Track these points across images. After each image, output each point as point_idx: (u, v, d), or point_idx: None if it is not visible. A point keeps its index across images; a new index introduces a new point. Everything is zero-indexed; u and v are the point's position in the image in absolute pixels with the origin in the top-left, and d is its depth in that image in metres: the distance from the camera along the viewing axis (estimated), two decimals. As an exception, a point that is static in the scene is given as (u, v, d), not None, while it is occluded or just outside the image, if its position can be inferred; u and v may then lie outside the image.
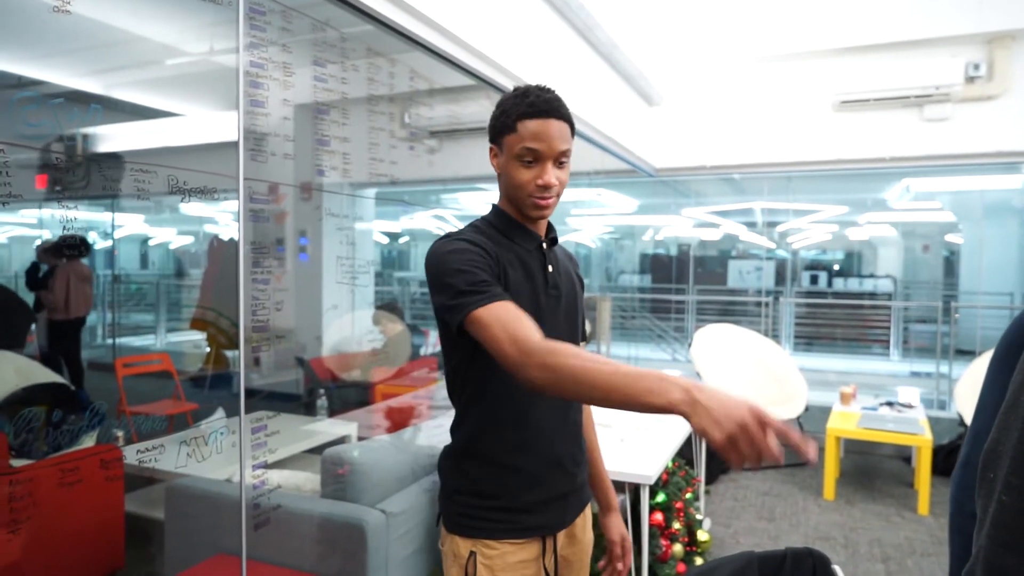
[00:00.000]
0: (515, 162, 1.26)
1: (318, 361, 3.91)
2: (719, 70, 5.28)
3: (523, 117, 1.24)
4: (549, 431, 1.35)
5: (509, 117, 1.26)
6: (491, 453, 1.33)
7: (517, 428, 1.32)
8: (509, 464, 1.32)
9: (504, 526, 1.32)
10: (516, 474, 1.33)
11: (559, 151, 1.26)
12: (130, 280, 7.46)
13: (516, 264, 1.30)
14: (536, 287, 1.31)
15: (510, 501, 1.32)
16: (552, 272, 1.36)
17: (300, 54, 1.88)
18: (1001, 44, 4.45)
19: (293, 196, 2.39)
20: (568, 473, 1.39)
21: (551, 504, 1.36)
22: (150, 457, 1.51)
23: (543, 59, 3.19)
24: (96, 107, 1.33)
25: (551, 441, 1.35)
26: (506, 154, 1.28)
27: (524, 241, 1.34)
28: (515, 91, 1.29)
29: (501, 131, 1.28)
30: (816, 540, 3.68)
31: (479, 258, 1.22)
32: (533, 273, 1.32)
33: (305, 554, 2.10)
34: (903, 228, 9.19)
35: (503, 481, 1.33)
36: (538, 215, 1.31)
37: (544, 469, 1.35)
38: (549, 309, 1.33)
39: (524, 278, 1.30)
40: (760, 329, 5.95)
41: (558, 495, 1.37)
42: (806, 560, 1.66)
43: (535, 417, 1.33)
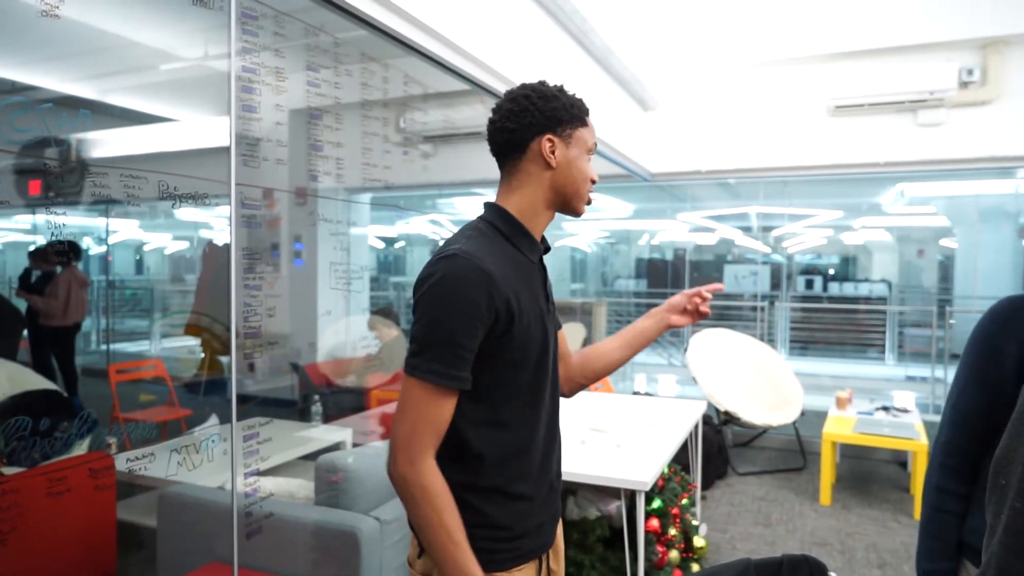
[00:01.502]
0: (585, 156, 1.28)
1: (313, 367, 3.89)
2: (714, 75, 5.30)
3: (586, 113, 1.29)
4: (544, 453, 1.32)
5: (581, 110, 1.27)
6: (500, 484, 1.25)
7: (525, 457, 1.27)
8: (515, 493, 1.26)
9: (512, 555, 1.27)
10: (522, 501, 1.28)
11: None
12: (125, 286, 7.44)
13: (526, 288, 1.23)
14: (541, 308, 1.27)
15: (516, 529, 1.27)
16: (548, 285, 1.35)
17: (293, 59, 1.87)
18: (995, 49, 4.47)
19: (288, 202, 2.38)
20: (556, 490, 1.38)
21: (546, 524, 1.34)
22: (141, 465, 1.49)
23: (538, 64, 3.19)
24: (85, 112, 1.32)
25: (547, 461, 1.33)
26: (576, 146, 1.26)
27: (529, 252, 1.27)
28: (558, 88, 1.27)
29: (572, 121, 1.25)
30: (812, 546, 3.67)
31: (476, 324, 1.13)
32: (537, 293, 1.27)
33: (299, 562, 2.08)
34: (898, 233, 9.22)
35: (509, 510, 1.26)
36: (584, 211, 1.33)
37: (544, 492, 1.32)
38: (551, 327, 1.31)
39: (532, 302, 1.24)
40: (756, 334, 5.95)
41: (551, 515, 1.36)
42: (803, 567, 1.66)
43: (536, 443, 1.29)
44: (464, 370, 1.15)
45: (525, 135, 1.23)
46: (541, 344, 1.25)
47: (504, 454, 1.25)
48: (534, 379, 1.25)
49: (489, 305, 1.13)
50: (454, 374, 1.13)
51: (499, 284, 1.14)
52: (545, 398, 1.30)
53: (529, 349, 1.22)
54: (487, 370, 1.18)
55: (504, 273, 1.17)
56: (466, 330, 1.12)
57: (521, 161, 1.25)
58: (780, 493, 4.59)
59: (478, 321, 1.13)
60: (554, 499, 1.37)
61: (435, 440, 1.16)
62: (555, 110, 1.24)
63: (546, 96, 1.24)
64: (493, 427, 1.23)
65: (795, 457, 5.32)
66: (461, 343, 1.12)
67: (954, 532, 1.28)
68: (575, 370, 1.51)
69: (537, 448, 1.29)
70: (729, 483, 4.82)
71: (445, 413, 1.16)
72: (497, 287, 1.14)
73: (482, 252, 1.16)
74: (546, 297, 1.31)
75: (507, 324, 1.16)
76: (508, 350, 1.18)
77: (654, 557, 2.71)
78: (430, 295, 1.13)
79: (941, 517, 1.29)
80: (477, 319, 1.12)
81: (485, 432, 1.22)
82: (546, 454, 1.32)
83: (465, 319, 1.12)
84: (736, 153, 5.30)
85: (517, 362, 1.21)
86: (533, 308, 1.23)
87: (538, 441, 1.29)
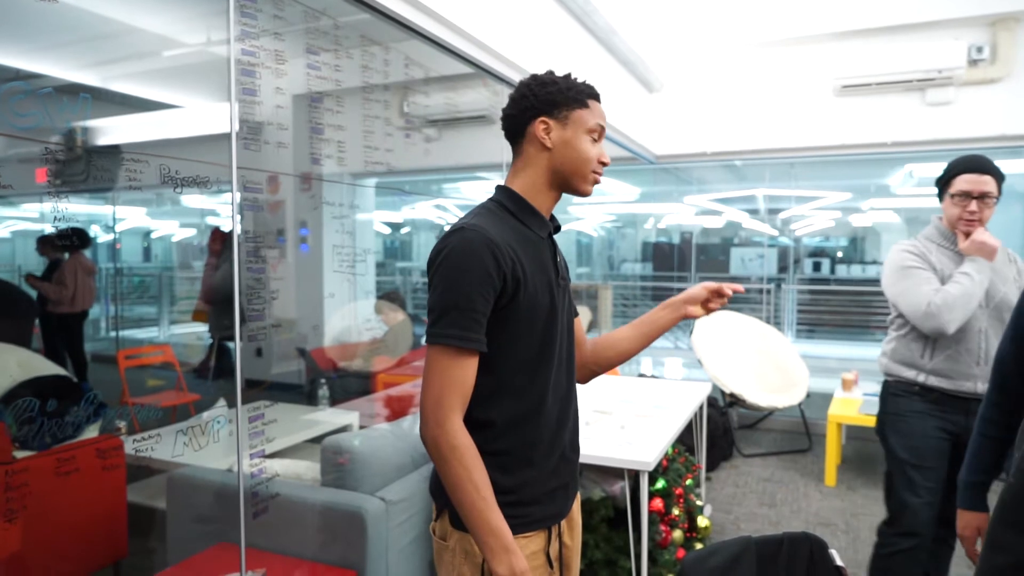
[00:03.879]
0: (586, 136, 1.32)
1: (319, 351, 3.92)
2: (719, 55, 5.25)
3: (592, 97, 1.34)
4: (558, 422, 1.36)
5: (580, 93, 1.32)
6: (509, 449, 1.30)
7: (534, 423, 1.32)
8: (525, 458, 1.32)
9: (517, 520, 1.29)
10: (530, 468, 1.32)
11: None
12: (133, 273, 7.47)
13: (533, 258, 1.30)
14: (550, 279, 1.33)
15: (523, 495, 1.31)
16: (560, 260, 1.40)
17: (293, 43, 1.87)
18: (1004, 26, 4.41)
19: (292, 186, 2.39)
20: (570, 461, 1.41)
21: (556, 493, 1.37)
22: (147, 446, 1.51)
23: (541, 46, 3.17)
24: (85, 96, 1.33)
25: (559, 432, 1.37)
26: (574, 127, 1.32)
27: (538, 228, 1.34)
28: (564, 75, 1.34)
29: (568, 104, 1.31)
30: (817, 526, 3.69)
31: (487, 289, 1.21)
32: (546, 264, 1.34)
33: (305, 542, 2.11)
34: (906, 214, 9.14)
35: (518, 476, 1.31)
36: (590, 191, 1.37)
37: (554, 460, 1.36)
38: (560, 298, 1.35)
39: (540, 271, 1.31)
40: (762, 316, 5.94)
41: (562, 484, 1.38)
42: (803, 544, 1.67)
43: (548, 410, 1.34)
44: (480, 332, 1.22)
45: (522, 119, 1.33)
46: (548, 311, 1.31)
47: (512, 420, 1.30)
48: (542, 346, 1.31)
49: (497, 270, 1.21)
50: (471, 336, 1.21)
51: (504, 252, 1.22)
52: (554, 366, 1.34)
53: (535, 316, 1.29)
54: (496, 336, 1.26)
55: (509, 244, 1.25)
56: (478, 294, 1.20)
57: (522, 144, 1.34)
58: (785, 474, 4.61)
59: (488, 286, 1.21)
60: (568, 469, 1.40)
61: (461, 402, 1.23)
62: (550, 94, 1.31)
63: (544, 82, 1.32)
64: (502, 393, 1.29)
65: (800, 439, 5.33)
66: (474, 307, 1.20)
67: (991, 453, 1.55)
68: (589, 357, 1.54)
69: (548, 416, 1.34)
70: (734, 465, 4.83)
71: (468, 375, 1.23)
72: (503, 254, 1.22)
73: (488, 226, 1.24)
74: (556, 271, 1.35)
75: (513, 290, 1.24)
76: (515, 316, 1.26)
77: (658, 537, 2.73)
78: (443, 267, 1.21)
79: (981, 440, 1.56)
80: (488, 284, 1.21)
81: (494, 398, 1.29)
82: (560, 423, 1.37)
83: (476, 284, 1.20)
84: (742, 135, 5.26)
85: (524, 329, 1.28)
86: (540, 278, 1.30)
87: (549, 409, 1.34)
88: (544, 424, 1.33)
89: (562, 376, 1.38)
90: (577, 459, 1.45)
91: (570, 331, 1.42)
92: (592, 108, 1.33)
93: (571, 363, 1.42)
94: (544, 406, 1.33)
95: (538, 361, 1.32)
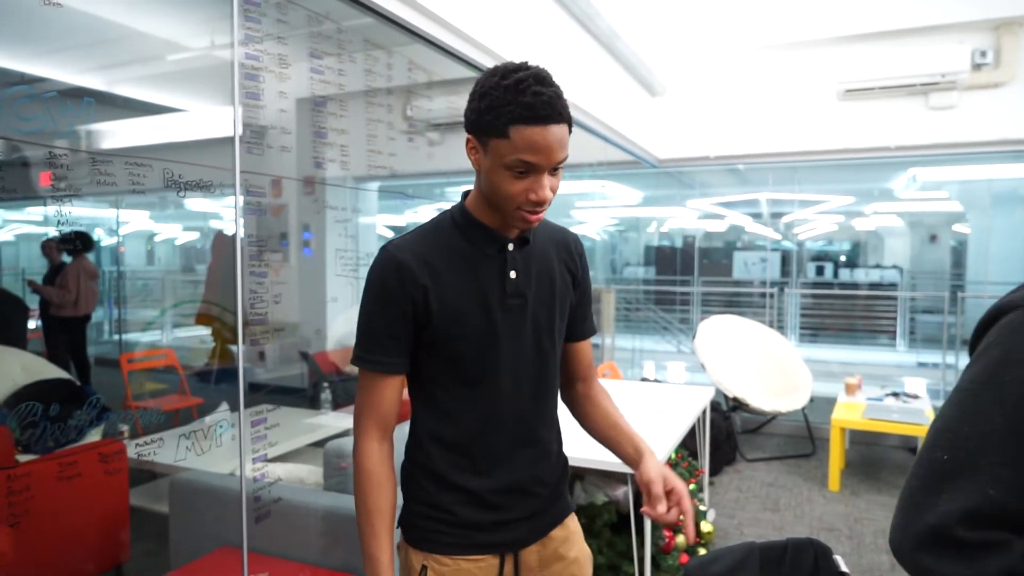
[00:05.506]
0: (504, 172, 1.08)
1: (322, 355, 3.91)
2: (722, 59, 5.25)
3: (517, 122, 1.04)
4: (505, 457, 1.24)
5: (500, 118, 1.05)
6: (440, 470, 1.23)
7: (465, 452, 1.23)
8: (460, 485, 1.23)
9: (456, 540, 1.23)
10: (468, 495, 1.23)
11: (557, 161, 1.08)
12: (136, 276, 7.49)
13: (463, 276, 1.18)
14: (487, 299, 1.18)
15: (462, 517, 1.23)
16: (516, 278, 1.20)
17: (296, 47, 1.87)
18: (1008, 30, 4.40)
19: (295, 190, 2.39)
20: (531, 495, 1.28)
21: (509, 524, 1.26)
22: (150, 451, 1.51)
23: (543, 49, 3.17)
24: (89, 100, 1.33)
25: (508, 468, 1.24)
26: (491, 158, 1.09)
27: (485, 245, 1.19)
28: (503, 76, 1.06)
29: (487, 130, 1.07)
30: (821, 531, 3.67)
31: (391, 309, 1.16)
32: (485, 286, 1.18)
33: (308, 546, 2.10)
34: (910, 218, 9.12)
35: (455, 499, 1.23)
36: (525, 228, 1.16)
37: (500, 495, 1.24)
38: (508, 322, 1.20)
39: (470, 292, 1.18)
40: (765, 320, 5.93)
41: (518, 517, 1.27)
42: (807, 550, 1.66)
43: (487, 443, 1.23)
44: (384, 354, 1.18)
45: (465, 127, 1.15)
46: (483, 335, 1.19)
47: (447, 444, 1.23)
48: (480, 373, 1.21)
49: (401, 291, 1.15)
50: (372, 358, 1.18)
51: (414, 273, 1.15)
52: (501, 394, 1.22)
53: (460, 339, 1.19)
54: (424, 359, 1.21)
55: (429, 262, 1.16)
56: (380, 315, 1.17)
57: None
58: (789, 479, 4.59)
59: (392, 306, 1.15)
60: (528, 504, 1.27)
61: (375, 422, 1.20)
62: (474, 111, 1.10)
63: (485, 90, 1.08)
64: (436, 417, 1.24)
65: (804, 443, 5.31)
66: (377, 328, 1.17)
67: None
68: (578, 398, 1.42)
69: (492, 446, 1.23)
70: (737, 469, 4.82)
71: (381, 397, 1.20)
72: (411, 276, 1.15)
73: (412, 243, 1.18)
74: (503, 290, 1.19)
75: (425, 312, 1.16)
76: (436, 340, 1.18)
77: (661, 542, 2.72)
78: (367, 278, 1.20)
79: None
80: (391, 304, 1.15)
81: (431, 420, 1.24)
82: (510, 459, 1.24)
83: (379, 306, 1.16)
84: (745, 138, 5.26)
85: (449, 352, 1.20)
86: (468, 299, 1.18)
87: (492, 439, 1.23)
88: (484, 453, 1.23)
89: (521, 406, 1.24)
90: (551, 490, 1.32)
91: (541, 356, 1.26)
92: (513, 139, 1.04)
93: (542, 391, 1.27)
94: (485, 435, 1.23)
95: (474, 388, 1.21)
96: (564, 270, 1.29)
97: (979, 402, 0.76)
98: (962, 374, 0.82)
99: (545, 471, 1.29)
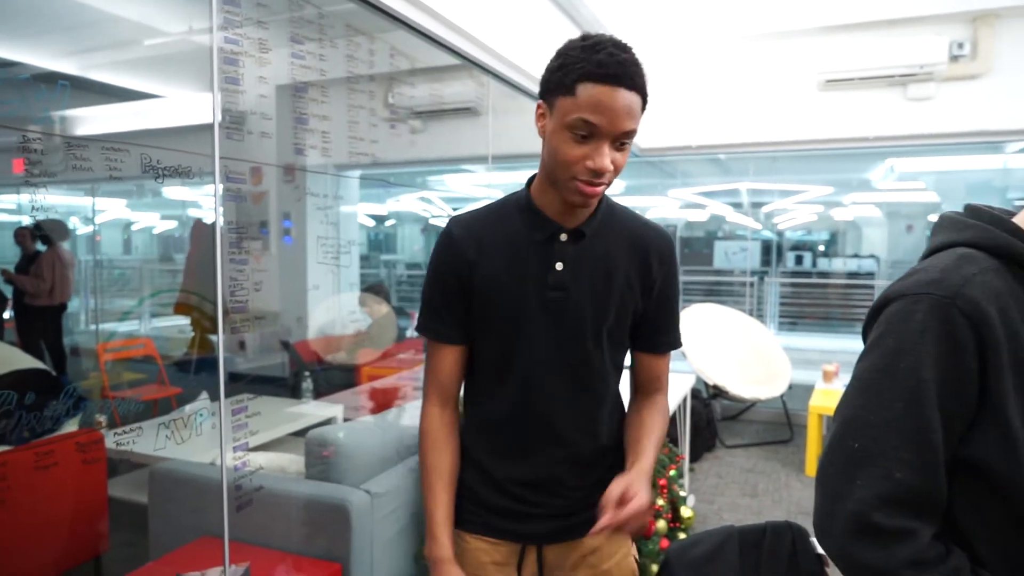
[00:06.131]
0: (566, 133, 1.03)
1: (303, 344, 3.89)
2: (704, 49, 5.26)
3: (586, 79, 1.00)
4: (529, 450, 1.23)
5: (569, 74, 1.02)
6: (468, 447, 1.27)
7: (491, 435, 1.25)
8: (483, 466, 1.25)
9: (473, 518, 1.25)
10: (487, 477, 1.25)
11: (623, 130, 1.03)
12: (113, 265, 7.38)
13: (511, 260, 1.16)
14: (527, 289, 1.16)
15: (480, 496, 1.25)
16: (561, 271, 1.15)
17: (277, 31, 1.85)
18: (985, 22, 4.45)
19: (276, 177, 2.37)
20: (556, 494, 1.24)
21: (532, 517, 1.24)
22: (128, 439, 1.50)
23: (525, 36, 3.16)
24: (64, 84, 1.30)
25: (532, 462, 1.23)
26: (556, 119, 1.04)
27: (533, 228, 1.16)
28: (583, 39, 1.05)
29: (555, 89, 1.04)
30: (798, 515, 3.73)
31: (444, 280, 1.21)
32: (524, 273, 1.16)
33: (290, 535, 2.10)
34: (887, 208, 9.24)
35: (477, 478, 1.25)
36: (580, 202, 1.09)
37: (520, 486, 1.23)
38: (544, 313, 1.16)
39: (514, 276, 1.16)
40: (745, 309, 5.98)
41: (541, 513, 1.24)
42: (785, 533, 1.69)
43: (512, 432, 1.22)
44: (438, 323, 1.22)
45: (539, 98, 1.12)
46: (515, 323, 1.17)
47: (478, 425, 1.28)
48: (507, 360, 1.20)
49: (451, 265, 1.19)
50: (428, 325, 1.23)
51: (463, 248, 1.18)
52: (527, 387, 1.20)
53: (492, 323, 1.19)
54: (475, 335, 1.24)
55: (481, 240, 1.18)
56: (434, 286, 1.22)
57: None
58: (767, 465, 4.66)
59: (442, 277, 1.20)
60: (555, 502, 1.24)
61: (435, 388, 1.25)
62: (549, 71, 1.08)
63: (562, 50, 1.07)
64: (474, 395, 1.29)
65: (782, 430, 5.38)
66: (432, 297, 1.22)
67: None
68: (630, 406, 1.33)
69: (515, 436, 1.22)
70: (717, 455, 4.88)
71: (440, 364, 1.24)
72: (460, 250, 1.18)
73: (470, 219, 1.22)
74: (543, 281, 1.16)
75: (470, 288, 1.19)
76: (475, 318, 1.21)
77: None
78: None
79: None
80: (441, 275, 1.20)
81: (470, 397, 1.29)
82: (534, 449, 1.22)
83: (433, 275, 1.22)
84: (726, 128, 5.29)
85: (483, 333, 1.22)
86: (508, 283, 1.16)
87: (516, 429, 1.22)
88: (510, 444, 1.23)
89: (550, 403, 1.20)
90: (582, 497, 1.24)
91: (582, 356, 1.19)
92: (580, 95, 1.01)
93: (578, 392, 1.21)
94: (506, 423, 1.22)
95: (498, 371, 1.22)
96: (633, 273, 1.20)
97: (880, 390, 0.81)
98: (859, 361, 0.86)
99: (570, 474, 1.24)
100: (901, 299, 0.82)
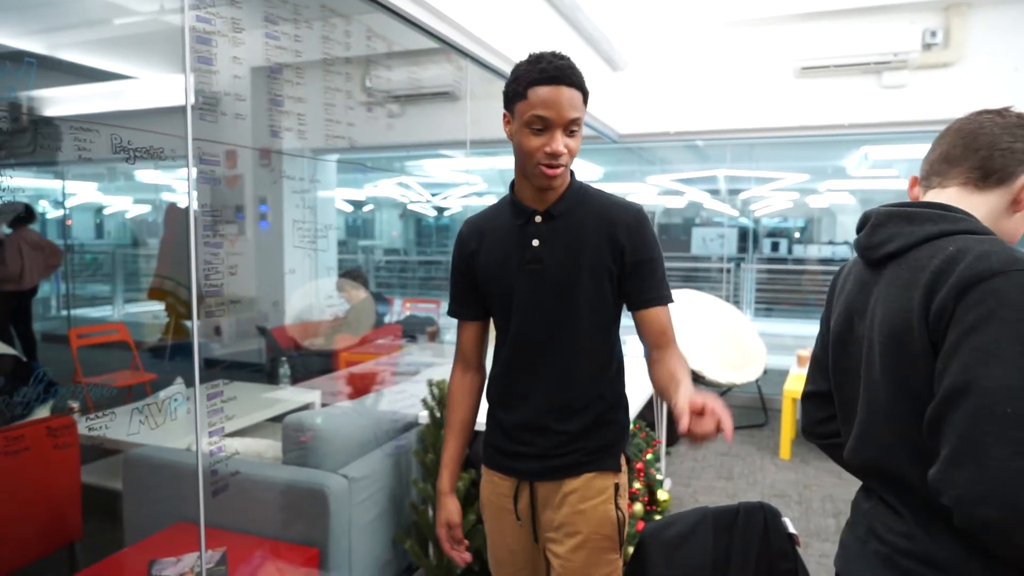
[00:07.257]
0: (525, 129, 1.30)
1: (280, 329, 3.86)
2: (683, 35, 5.27)
3: (534, 84, 1.28)
4: (524, 397, 1.48)
5: (520, 84, 1.29)
6: (489, 398, 1.57)
7: (500, 387, 1.52)
8: (494, 412, 1.55)
9: (489, 456, 1.55)
10: (497, 422, 1.54)
11: (569, 119, 1.29)
12: (85, 250, 7.23)
13: (498, 244, 1.45)
14: (508, 267, 1.42)
15: (493, 439, 1.54)
16: (537, 247, 1.40)
17: (250, 10, 1.81)
18: (957, 11, 4.51)
19: (251, 160, 2.33)
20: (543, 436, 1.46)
21: (524, 457, 1.49)
22: (101, 424, 1.48)
23: (504, 20, 3.13)
24: (31, 61, 1.27)
25: (525, 407, 1.47)
26: (517, 121, 1.32)
27: (514, 216, 1.43)
28: (529, 58, 1.32)
29: (512, 98, 1.32)
30: (772, 497, 3.80)
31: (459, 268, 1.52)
32: (509, 252, 1.43)
33: (267, 520, 2.10)
34: (861, 196, 9.36)
35: (492, 422, 1.55)
36: (546, 184, 1.35)
37: (518, 429, 1.48)
38: (526, 282, 1.42)
39: (499, 258, 1.44)
40: (722, 295, 6.04)
41: (531, 453, 1.47)
42: (757, 513, 1.72)
43: (511, 382, 1.50)
44: (457, 304, 1.56)
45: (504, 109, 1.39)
46: (506, 293, 1.45)
47: (494, 378, 1.55)
48: (505, 323, 1.48)
49: (461, 255, 1.51)
50: (451, 307, 1.58)
51: (467, 240, 1.50)
52: (520, 343, 1.45)
53: (492, 296, 1.48)
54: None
55: (482, 232, 1.48)
56: (453, 275, 1.55)
57: None
58: (742, 448, 4.73)
59: (456, 267, 1.53)
60: (542, 443, 1.46)
61: (459, 357, 1.59)
62: (507, 86, 1.35)
63: (512, 72, 1.34)
64: (494, 358, 1.55)
65: (757, 414, 5.47)
66: (454, 282, 1.55)
67: None
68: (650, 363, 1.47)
69: (514, 386, 1.49)
70: (694, 440, 4.93)
71: (461, 336, 1.58)
72: (465, 242, 1.50)
73: (477, 216, 1.52)
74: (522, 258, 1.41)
75: (475, 272, 1.49)
76: (483, 294, 1.51)
77: (619, 510, 2.78)
78: None
79: None
80: (456, 266, 1.53)
81: (494, 360, 1.56)
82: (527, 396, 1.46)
83: (452, 268, 1.55)
84: (704, 115, 5.31)
85: (489, 304, 1.51)
86: (498, 262, 1.45)
87: (515, 379, 1.49)
88: (511, 392, 1.50)
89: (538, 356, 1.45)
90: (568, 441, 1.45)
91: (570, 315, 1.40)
92: (531, 98, 1.28)
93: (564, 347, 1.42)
94: (512, 376, 1.50)
95: (505, 336, 1.49)
96: (603, 243, 1.41)
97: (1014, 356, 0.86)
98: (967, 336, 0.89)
99: (555, 420, 1.45)
100: (1002, 275, 0.89)
